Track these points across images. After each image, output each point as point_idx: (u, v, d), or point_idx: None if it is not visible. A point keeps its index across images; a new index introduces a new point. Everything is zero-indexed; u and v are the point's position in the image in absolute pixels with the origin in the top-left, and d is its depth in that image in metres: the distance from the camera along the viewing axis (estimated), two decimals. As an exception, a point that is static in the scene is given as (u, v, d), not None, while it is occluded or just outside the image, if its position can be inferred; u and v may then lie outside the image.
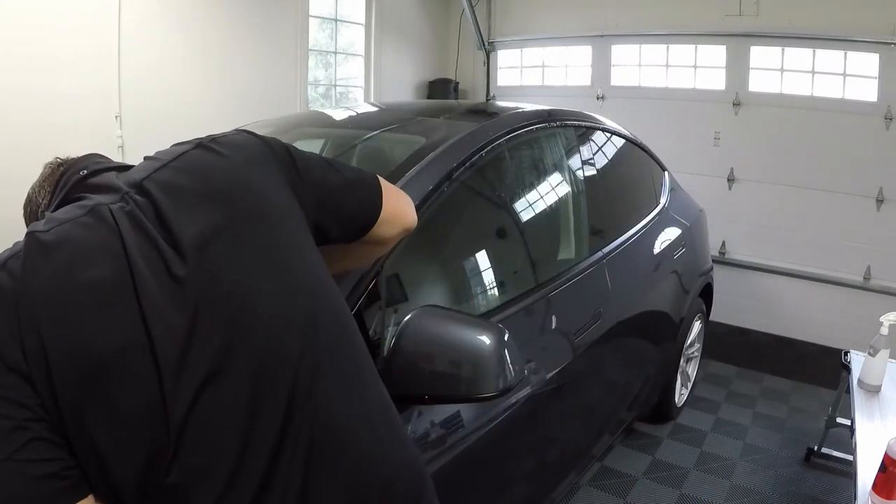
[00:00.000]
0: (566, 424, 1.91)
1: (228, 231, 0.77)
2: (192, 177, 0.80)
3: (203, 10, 3.32)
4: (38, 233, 0.73)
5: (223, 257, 0.76)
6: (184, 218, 0.75)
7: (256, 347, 0.74)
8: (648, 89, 4.31)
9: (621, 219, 2.45)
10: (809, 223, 3.80)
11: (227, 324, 0.73)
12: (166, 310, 0.71)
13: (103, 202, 0.77)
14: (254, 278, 0.77)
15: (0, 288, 0.69)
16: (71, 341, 0.67)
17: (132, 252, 0.72)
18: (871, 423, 1.99)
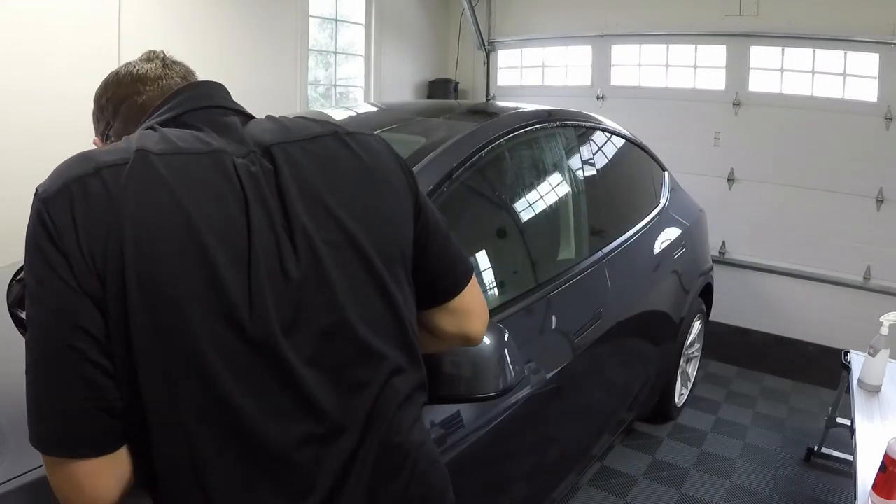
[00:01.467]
0: (566, 424, 1.91)
1: (345, 243, 0.76)
2: (322, 170, 0.78)
3: (203, 10, 3.32)
4: (150, 153, 0.69)
5: (334, 269, 0.74)
6: (304, 209, 0.74)
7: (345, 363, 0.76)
8: (648, 89, 4.31)
9: (621, 219, 2.45)
10: (809, 223, 3.80)
11: (321, 334, 0.73)
12: (268, 300, 0.70)
13: (226, 149, 0.74)
14: (356, 298, 0.76)
15: (89, 195, 0.66)
16: (154, 279, 0.65)
17: (254, 224, 0.70)
18: (871, 423, 1.99)
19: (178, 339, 0.66)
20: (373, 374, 0.78)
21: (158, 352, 0.65)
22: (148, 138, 0.73)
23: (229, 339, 0.68)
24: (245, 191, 0.71)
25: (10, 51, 2.57)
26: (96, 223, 0.65)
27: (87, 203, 0.66)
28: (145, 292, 0.65)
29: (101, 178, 0.67)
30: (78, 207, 0.65)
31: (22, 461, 0.91)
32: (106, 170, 0.68)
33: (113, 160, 0.69)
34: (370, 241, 0.78)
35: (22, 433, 0.97)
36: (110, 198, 0.66)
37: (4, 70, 2.56)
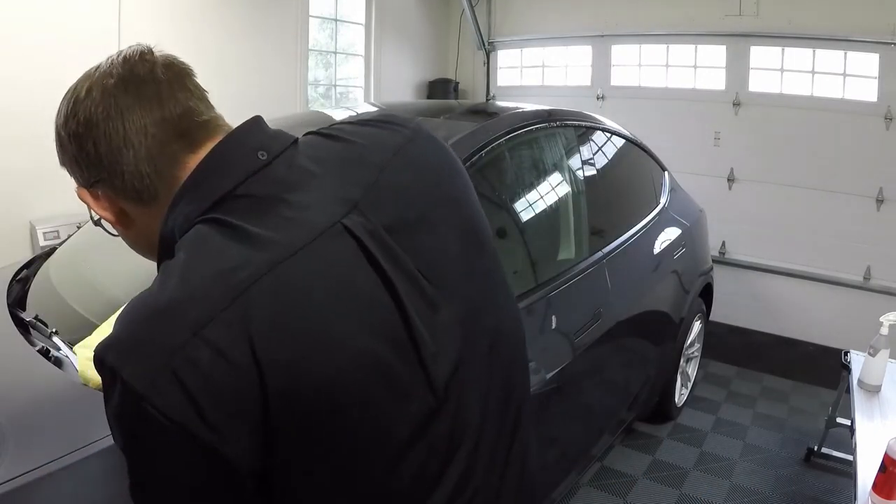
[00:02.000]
0: (566, 424, 1.91)
1: (474, 238, 0.75)
2: (422, 181, 0.71)
3: (203, 9, 3.32)
4: (248, 281, 0.55)
5: (476, 288, 0.73)
6: (427, 239, 0.68)
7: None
8: (648, 89, 4.31)
9: (621, 219, 2.45)
10: (809, 223, 3.80)
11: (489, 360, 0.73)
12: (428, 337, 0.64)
13: (330, 219, 0.61)
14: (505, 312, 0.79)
15: (202, 371, 0.53)
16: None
17: (400, 291, 0.63)
18: (871, 423, 1.99)
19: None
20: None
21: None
22: (225, 253, 0.57)
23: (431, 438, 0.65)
24: (376, 259, 0.61)
25: (10, 41, 2.57)
26: (227, 399, 0.53)
27: (202, 380, 0.52)
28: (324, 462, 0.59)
29: (212, 344, 0.53)
30: (195, 389, 0.52)
31: (22, 461, 0.91)
32: (210, 330, 0.53)
33: (205, 314, 0.53)
34: (480, 225, 0.77)
35: (22, 433, 0.98)
36: (234, 368, 0.53)
37: (4, 61, 2.55)
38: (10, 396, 1.06)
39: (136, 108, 0.63)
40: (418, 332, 0.62)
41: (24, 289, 1.61)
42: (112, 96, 0.63)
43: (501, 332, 0.76)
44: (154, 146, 0.63)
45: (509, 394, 0.76)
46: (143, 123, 0.63)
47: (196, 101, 0.67)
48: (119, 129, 0.62)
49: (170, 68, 0.67)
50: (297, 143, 0.68)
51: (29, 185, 2.63)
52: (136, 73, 0.64)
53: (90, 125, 0.63)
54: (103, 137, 0.63)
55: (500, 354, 0.75)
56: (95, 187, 0.66)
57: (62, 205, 2.71)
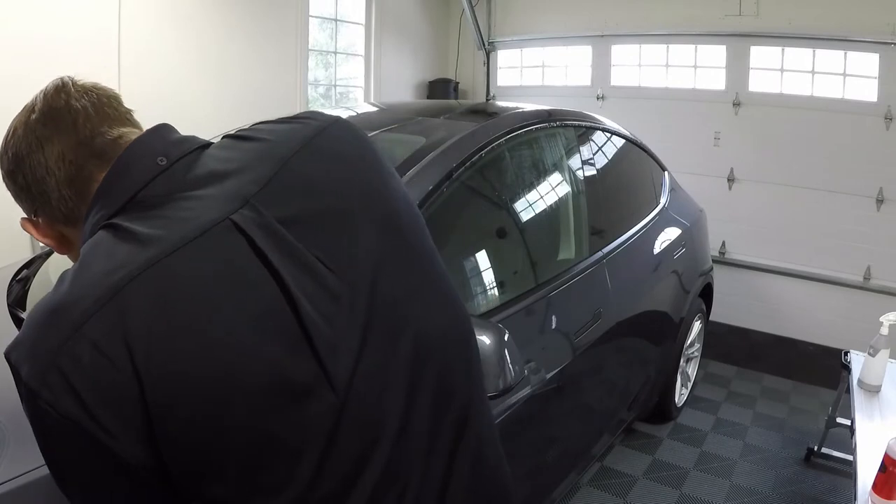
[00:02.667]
0: (566, 424, 1.91)
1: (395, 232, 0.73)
2: (332, 167, 0.71)
3: (203, 9, 3.32)
4: (130, 281, 0.56)
5: (389, 277, 0.70)
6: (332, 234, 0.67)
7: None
8: (648, 89, 4.31)
9: (621, 219, 2.45)
10: (809, 223, 3.80)
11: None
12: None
13: (220, 215, 0.62)
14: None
15: (83, 367, 0.55)
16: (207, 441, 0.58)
17: (289, 283, 0.61)
18: (871, 423, 1.99)
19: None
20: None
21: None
22: (111, 255, 0.59)
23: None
24: (264, 252, 0.61)
25: (10, 41, 2.56)
26: (110, 398, 0.55)
27: (85, 377, 0.55)
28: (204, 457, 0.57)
29: (91, 341, 0.55)
30: (79, 385, 0.54)
31: (22, 461, 0.91)
32: (89, 327, 0.55)
33: (86, 311, 0.56)
34: (407, 220, 0.75)
35: (22, 433, 0.98)
36: (112, 365, 0.55)
37: (3, 61, 2.55)
38: (10, 396, 1.06)
39: (53, 138, 0.67)
40: (311, 323, 0.61)
41: (24, 289, 1.61)
42: (33, 131, 0.68)
43: (431, 329, 0.72)
44: (72, 170, 0.68)
45: (448, 392, 0.72)
46: (60, 151, 0.67)
47: (111, 122, 0.70)
48: (41, 159, 0.67)
49: (86, 95, 0.70)
50: (207, 148, 0.71)
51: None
52: (53, 106, 0.69)
53: (18, 160, 0.69)
54: (29, 170, 0.68)
55: (429, 352, 0.71)
56: (37, 216, 0.72)
57: (62, 205, 2.72)
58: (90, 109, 0.69)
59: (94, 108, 0.70)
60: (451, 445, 0.71)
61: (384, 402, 0.66)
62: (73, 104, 0.69)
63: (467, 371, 0.78)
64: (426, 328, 0.72)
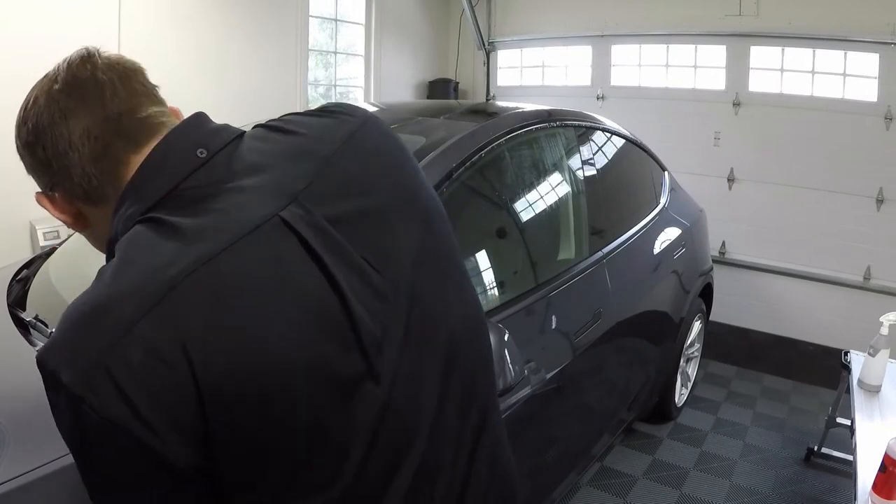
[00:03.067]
0: (566, 424, 1.91)
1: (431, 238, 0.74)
2: (371, 170, 0.71)
3: (203, 9, 3.32)
4: (178, 277, 0.55)
5: (426, 279, 0.70)
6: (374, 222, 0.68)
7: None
8: (648, 89, 4.31)
9: (621, 219, 2.45)
10: (809, 223, 3.80)
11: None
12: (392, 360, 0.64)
13: (269, 212, 0.61)
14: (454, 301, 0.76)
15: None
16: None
17: (341, 282, 0.61)
18: (871, 423, 1.99)
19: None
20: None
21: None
22: (156, 250, 0.57)
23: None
24: (315, 251, 0.61)
25: (10, 42, 2.56)
26: (164, 402, 0.53)
27: (136, 380, 0.53)
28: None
29: (143, 341, 0.53)
30: (130, 389, 0.52)
31: (22, 461, 0.91)
32: (140, 327, 0.53)
33: (136, 311, 0.53)
34: (438, 225, 0.75)
35: (22, 433, 0.98)
36: (167, 367, 0.53)
37: (3, 61, 2.55)
38: (10, 396, 1.06)
39: (78, 110, 0.64)
40: (360, 320, 0.61)
41: (24, 289, 1.61)
42: (56, 101, 0.64)
43: (459, 328, 0.73)
44: (98, 148, 0.64)
45: (472, 392, 0.74)
46: (85, 126, 0.63)
47: (140, 98, 0.68)
48: (64, 133, 0.63)
49: (112, 68, 0.67)
50: (242, 138, 0.69)
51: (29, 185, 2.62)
52: (79, 77, 0.65)
53: (38, 132, 0.64)
54: (50, 142, 0.64)
55: (458, 352, 0.72)
56: (54, 191, 0.68)
57: (62, 205, 2.72)
58: (117, 83, 0.66)
59: (122, 82, 0.66)
60: (472, 446, 0.72)
61: (420, 400, 0.67)
62: (100, 76, 0.65)
63: (486, 371, 0.80)
64: (455, 328, 0.73)
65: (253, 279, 0.58)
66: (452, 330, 0.72)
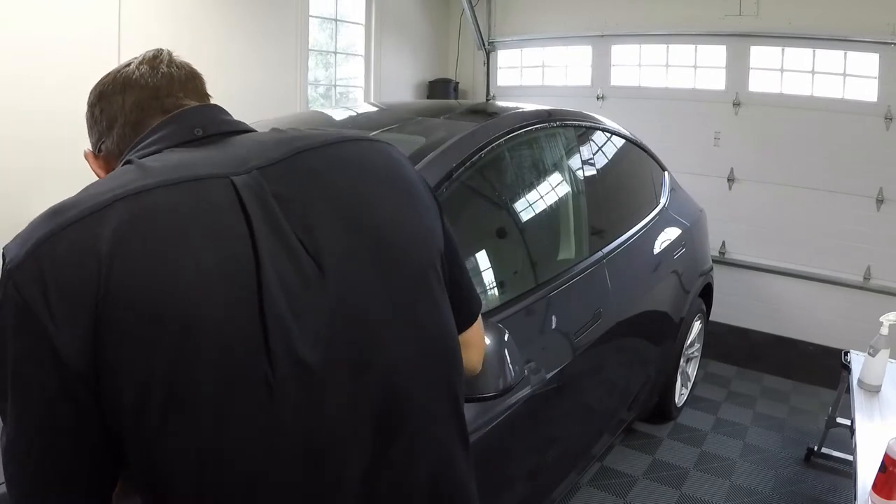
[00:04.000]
0: (566, 424, 1.91)
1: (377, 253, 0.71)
2: (348, 175, 0.74)
3: (203, 9, 3.32)
4: (122, 197, 0.62)
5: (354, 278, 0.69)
6: (328, 221, 0.69)
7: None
8: (648, 89, 4.31)
9: (621, 219, 2.45)
10: (809, 223, 3.80)
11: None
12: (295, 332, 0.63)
13: (220, 172, 0.67)
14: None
15: (57, 260, 0.59)
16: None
17: (262, 253, 0.63)
18: (871, 423, 1.99)
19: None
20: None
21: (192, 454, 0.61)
22: (117, 178, 0.66)
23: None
24: (249, 215, 0.64)
25: (10, 42, 2.56)
26: (67, 291, 0.58)
27: (54, 268, 0.59)
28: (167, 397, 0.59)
29: (70, 240, 0.60)
30: (47, 275, 0.59)
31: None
32: (72, 228, 0.60)
33: (76, 216, 0.61)
34: (408, 249, 0.74)
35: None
36: (80, 264, 0.59)
37: (3, 62, 2.55)
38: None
39: (136, 88, 0.77)
40: (268, 293, 0.62)
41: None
42: (123, 77, 0.79)
43: (398, 361, 0.70)
44: (140, 116, 0.77)
45: (396, 412, 0.69)
46: (137, 99, 0.77)
47: (188, 93, 0.80)
48: (119, 101, 0.78)
49: (178, 67, 0.81)
50: (245, 133, 0.77)
51: (29, 184, 2.63)
52: (148, 64, 0.79)
53: (101, 96, 0.79)
54: (107, 106, 0.79)
55: (381, 370, 0.68)
56: (100, 151, 0.81)
57: (62, 205, 2.71)
58: (176, 76, 0.80)
59: (181, 78, 0.80)
60: (387, 487, 0.69)
61: (324, 407, 0.64)
62: (164, 69, 0.79)
63: (435, 402, 0.74)
64: (390, 358, 0.69)
65: (181, 215, 0.63)
66: (380, 351, 0.69)
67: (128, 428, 0.60)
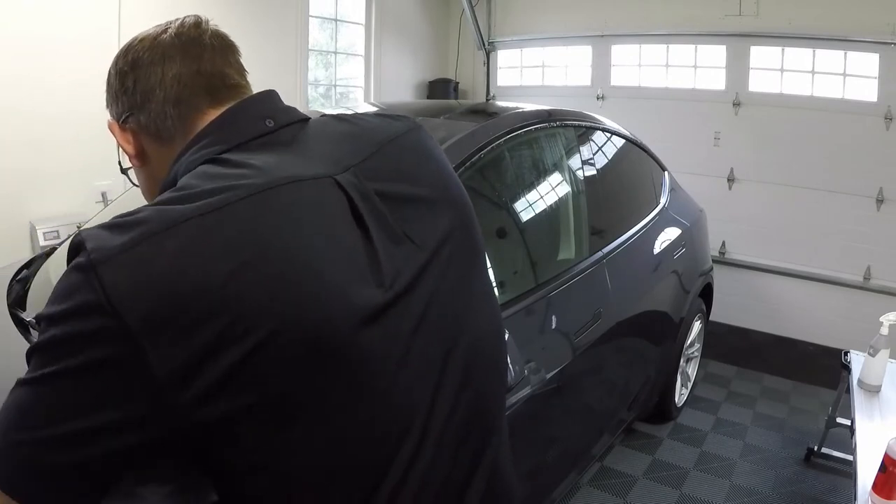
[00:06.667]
0: (566, 424, 1.91)
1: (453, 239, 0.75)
2: (420, 165, 0.77)
3: (203, 10, 3.29)
4: (241, 199, 0.57)
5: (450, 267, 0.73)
6: (415, 211, 0.71)
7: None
8: (648, 89, 4.31)
9: (621, 219, 2.45)
10: (809, 223, 3.80)
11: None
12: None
13: (325, 173, 0.65)
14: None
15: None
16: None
17: (378, 245, 0.65)
18: (871, 423, 1.99)
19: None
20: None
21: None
22: (218, 176, 0.61)
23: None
24: (361, 214, 0.64)
25: (10, 42, 2.56)
26: (167, 303, 0.52)
27: (156, 276, 0.53)
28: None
29: (176, 244, 0.54)
30: (143, 279, 0.52)
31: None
32: (188, 224, 0.55)
33: (182, 216, 0.55)
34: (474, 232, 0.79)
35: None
36: (189, 272, 0.54)
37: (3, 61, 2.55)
38: (10, 396, 1.06)
39: (177, 58, 0.71)
40: (387, 275, 0.63)
41: (24, 289, 1.61)
42: (161, 46, 0.72)
43: (480, 333, 0.75)
44: (183, 93, 0.71)
45: (479, 397, 0.73)
46: (179, 72, 0.71)
47: (231, 69, 0.75)
48: (157, 72, 0.71)
49: (218, 38, 0.75)
50: (307, 122, 0.75)
51: (29, 185, 2.63)
52: (188, 34, 0.73)
53: (135, 65, 0.72)
54: (143, 76, 0.71)
55: (474, 356, 0.72)
56: (126, 122, 0.74)
57: (62, 205, 2.71)
58: (217, 49, 0.74)
59: (221, 50, 0.74)
60: (473, 456, 0.72)
61: (414, 392, 0.66)
62: (205, 39, 0.73)
63: (497, 383, 0.81)
64: (475, 333, 0.74)
65: (301, 214, 0.61)
66: (472, 334, 0.73)
67: (245, 440, 0.56)
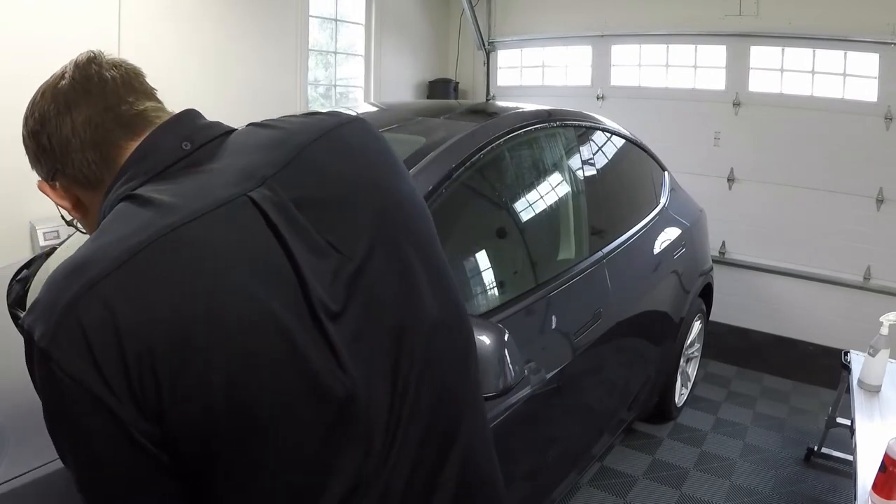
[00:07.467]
0: (566, 424, 1.91)
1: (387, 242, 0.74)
2: (344, 163, 0.74)
3: (203, 10, 3.32)
4: (149, 244, 0.57)
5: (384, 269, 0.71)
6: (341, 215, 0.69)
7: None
8: (648, 89, 4.31)
9: (621, 219, 2.45)
10: (809, 223, 3.80)
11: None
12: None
13: (238, 193, 0.64)
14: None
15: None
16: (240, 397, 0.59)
17: (300, 262, 0.63)
18: (871, 423, 1.99)
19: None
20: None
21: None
22: (131, 220, 0.61)
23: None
24: (278, 228, 0.63)
25: (10, 41, 2.56)
26: (118, 357, 0.54)
27: (95, 334, 0.54)
28: (232, 416, 0.58)
29: (103, 299, 0.55)
30: (90, 342, 0.54)
31: (22, 461, 0.91)
32: (102, 285, 0.56)
33: (102, 271, 0.56)
34: (420, 228, 0.78)
35: (22, 433, 0.98)
36: (123, 323, 0.55)
37: (3, 61, 2.55)
38: (10, 396, 1.06)
39: (82, 103, 0.70)
40: (316, 297, 0.63)
41: (24, 289, 1.61)
42: (62, 94, 0.71)
43: (423, 328, 0.73)
44: (97, 134, 0.70)
45: (443, 387, 0.73)
46: (87, 115, 0.70)
47: (138, 95, 0.74)
48: (67, 122, 0.70)
49: (116, 68, 0.74)
50: (229, 135, 0.74)
51: (29, 185, 2.62)
52: (85, 74, 0.72)
53: (44, 121, 0.71)
54: (55, 130, 0.70)
55: (420, 352, 0.71)
56: (54, 179, 0.74)
57: (62, 205, 2.71)
58: (118, 80, 0.72)
59: (123, 80, 0.73)
60: (437, 456, 0.70)
61: (373, 397, 0.66)
62: (104, 74, 0.72)
63: (460, 375, 0.78)
64: (416, 327, 0.72)
65: (216, 247, 0.61)
66: (412, 329, 0.71)
67: (216, 471, 0.59)
